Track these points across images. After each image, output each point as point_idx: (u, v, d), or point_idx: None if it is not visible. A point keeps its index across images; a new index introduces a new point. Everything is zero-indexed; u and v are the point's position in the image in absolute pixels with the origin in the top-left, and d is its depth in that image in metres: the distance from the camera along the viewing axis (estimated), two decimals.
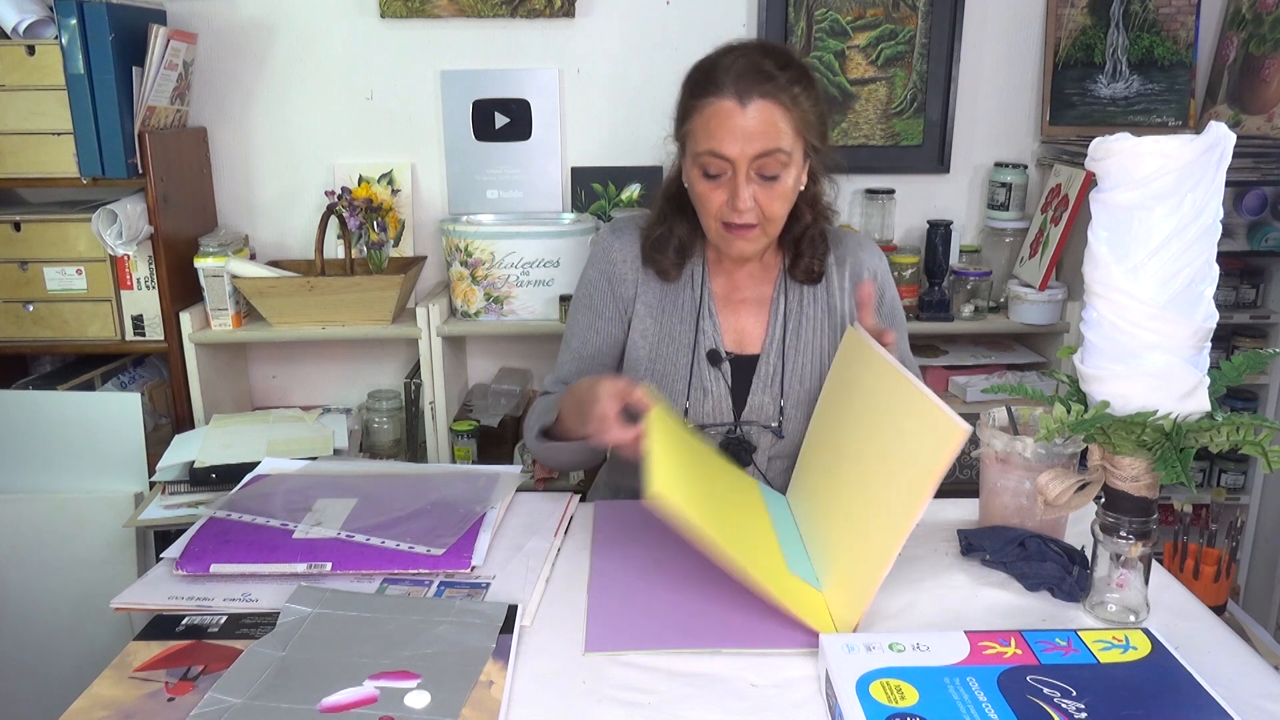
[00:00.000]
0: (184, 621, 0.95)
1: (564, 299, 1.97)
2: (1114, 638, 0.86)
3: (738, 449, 1.30)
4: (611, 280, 1.35)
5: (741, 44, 1.22)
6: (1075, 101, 2.13)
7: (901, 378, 0.99)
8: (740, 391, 1.32)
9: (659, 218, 1.33)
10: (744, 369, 1.32)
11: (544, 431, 1.28)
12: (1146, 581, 0.96)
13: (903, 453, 0.94)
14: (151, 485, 1.65)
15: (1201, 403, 0.87)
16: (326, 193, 2.00)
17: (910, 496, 0.89)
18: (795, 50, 1.20)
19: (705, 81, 1.19)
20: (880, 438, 1.01)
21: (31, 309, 1.88)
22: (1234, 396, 2.22)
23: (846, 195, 2.18)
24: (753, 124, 1.15)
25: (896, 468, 0.94)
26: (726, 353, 1.32)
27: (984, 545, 1.08)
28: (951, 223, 2.05)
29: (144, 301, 1.90)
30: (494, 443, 2.06)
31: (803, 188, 1.26)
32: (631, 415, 1.05)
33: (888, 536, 0.90)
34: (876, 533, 0.93)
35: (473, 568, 1.05)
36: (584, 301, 1.37)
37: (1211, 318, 0.87)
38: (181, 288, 1.91)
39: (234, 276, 1.91)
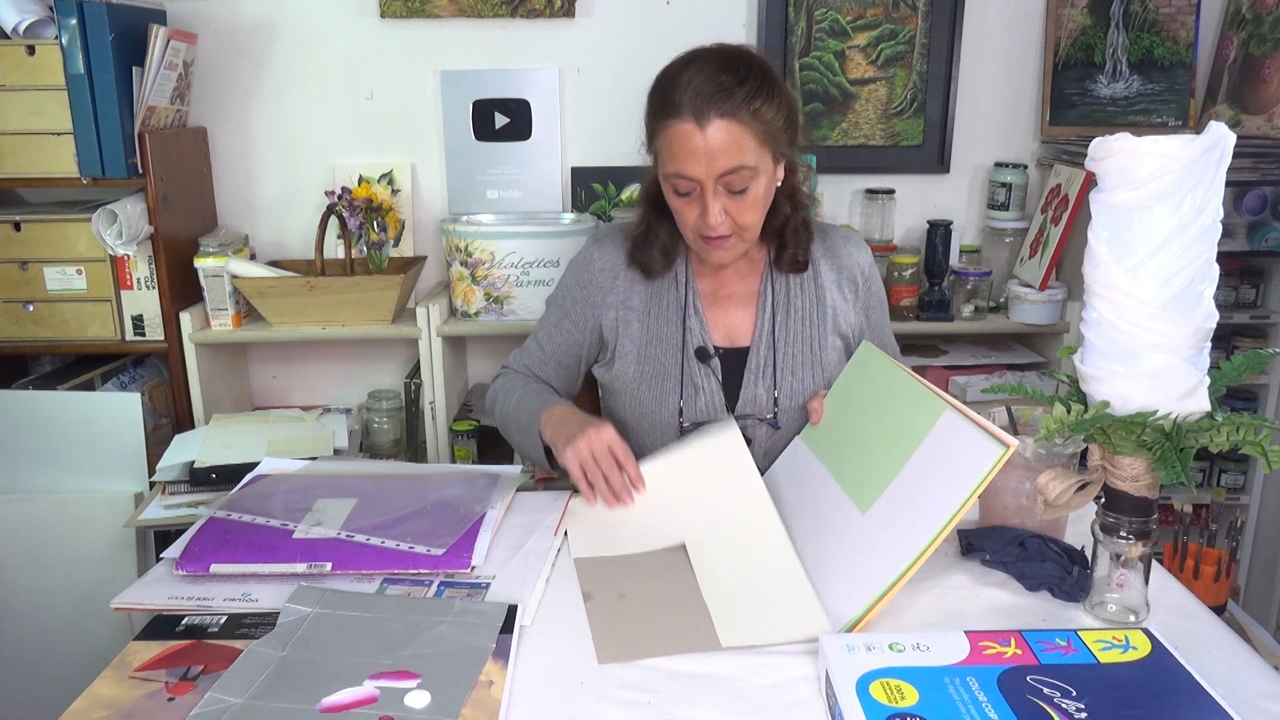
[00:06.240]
0: (184, 621, 0.95)
1: None
2: (1114, 638, 0.86)
3: None
4: (586, 288, 1.37)
5: (701, 55, 1.20)
6: (1075, 101, 2.13)
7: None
8: (733, 386, 1.32)
9: (641, 219, 1.35)
10: (735, 363, 1.32)
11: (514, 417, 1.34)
12: (1146, 581, 0.96)
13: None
14: (151, 485, 1.65)
15: (1201, 403, 0.87)
16: (326, 193, 2.00)
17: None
18: (758, 56, 1.20)
19: (664, 102, 1.18)
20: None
21: (31, 309, 1.88)
22: (1234, 396, 2.22)
23: (846, 195, 2.19)
24: (714, 144, 1.15)
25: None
26: (716, 348, 1.32)
27: (984, 545, 1.08)
28: (951, 223, 2.05)
29: (144, 301, 1.90)
30: (494, 443, 2.05)
31: (779, 183, 1.26)
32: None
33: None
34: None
35: (473, 568, 1.05)
36: (556, 301, 1.41)
37: (1211, 318, 0.87)
38: (181, 288, 1.91)
39: (234, 276, 1.91)
